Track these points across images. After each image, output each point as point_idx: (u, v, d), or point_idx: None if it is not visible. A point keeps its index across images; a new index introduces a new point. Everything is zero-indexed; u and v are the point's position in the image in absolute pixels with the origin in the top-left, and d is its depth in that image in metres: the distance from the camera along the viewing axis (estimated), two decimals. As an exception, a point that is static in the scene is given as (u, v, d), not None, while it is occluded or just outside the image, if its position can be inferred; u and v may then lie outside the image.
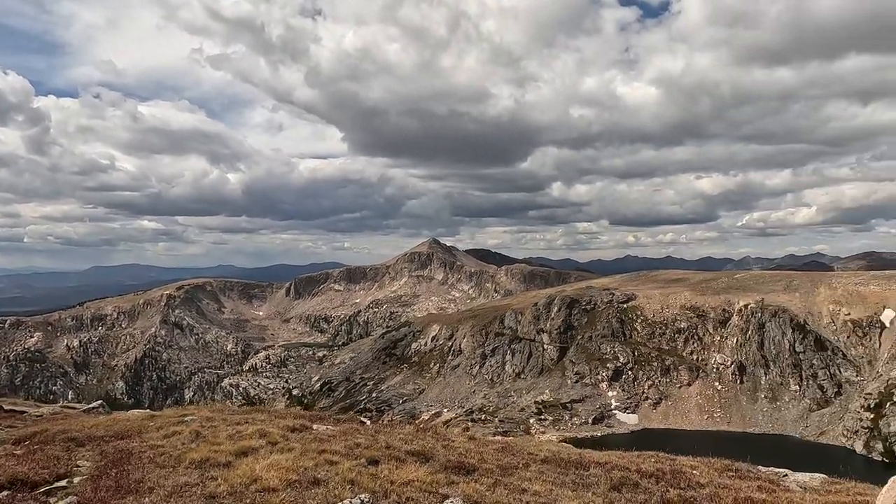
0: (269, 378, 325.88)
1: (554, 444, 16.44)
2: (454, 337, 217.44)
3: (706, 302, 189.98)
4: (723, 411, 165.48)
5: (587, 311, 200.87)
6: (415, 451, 12.13)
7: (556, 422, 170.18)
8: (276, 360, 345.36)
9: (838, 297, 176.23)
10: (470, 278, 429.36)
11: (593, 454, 13.75)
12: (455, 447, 13.06)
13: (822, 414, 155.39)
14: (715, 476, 12.36)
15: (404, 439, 13.58)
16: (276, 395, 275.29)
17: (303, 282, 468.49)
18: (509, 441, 14.73)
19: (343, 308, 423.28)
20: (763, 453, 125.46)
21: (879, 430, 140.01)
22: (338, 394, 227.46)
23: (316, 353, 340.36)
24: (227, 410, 18.05)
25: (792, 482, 13.25)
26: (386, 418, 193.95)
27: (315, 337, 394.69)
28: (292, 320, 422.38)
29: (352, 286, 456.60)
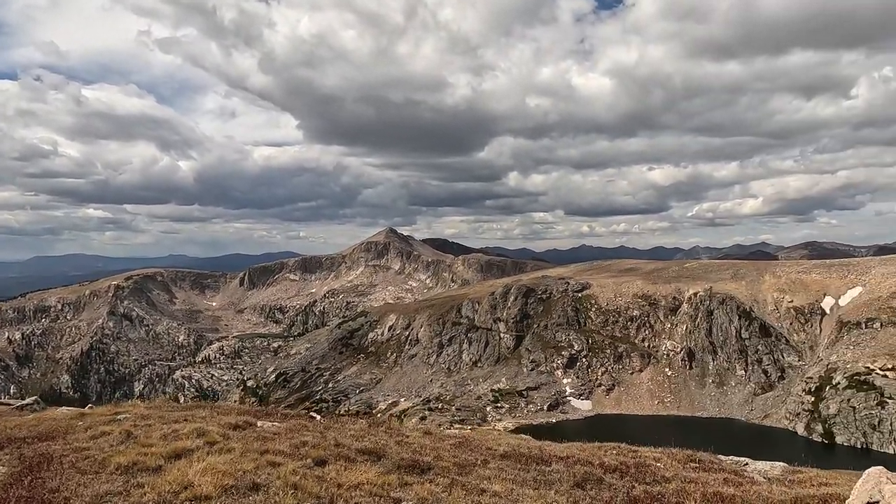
0: (223, 370, 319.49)
1: (513, 437, 15.77)
2: (411, 326, 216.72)
3: (657, 290, 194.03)
4: (673, 396, 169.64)
5: (543, 300, 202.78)
6: (366, 450, 11.20)
7: (512, 409, 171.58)
8: (230, 352, 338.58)
9: (782, 285, 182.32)
10: (427, 268, 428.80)
11: (554, 447, 13.13)
12: (409, 443, 12.22)
13: (766, 398, 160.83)
14: (679, 468, 11.90)
15: (355, 436, 12.65)
16: (231, 386, 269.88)
17: (257, 271, 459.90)
18: (467, 435, 14.00)
19: (299, 298, 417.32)
20: (711, 437, 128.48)
21: (819, 412, 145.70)
22: (293, 385, 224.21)
23: (271, 344, 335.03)
24: (166, 407, 16.77)
25: (754, 472, 12.95)
26: (342, 408, 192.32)
27: (270, 327, 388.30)
28: (247, 311, 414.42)
29: (307, 276, 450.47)
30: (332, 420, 14.91)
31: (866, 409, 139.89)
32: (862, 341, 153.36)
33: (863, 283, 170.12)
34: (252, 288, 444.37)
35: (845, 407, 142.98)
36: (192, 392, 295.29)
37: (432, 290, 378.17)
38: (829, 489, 10.73)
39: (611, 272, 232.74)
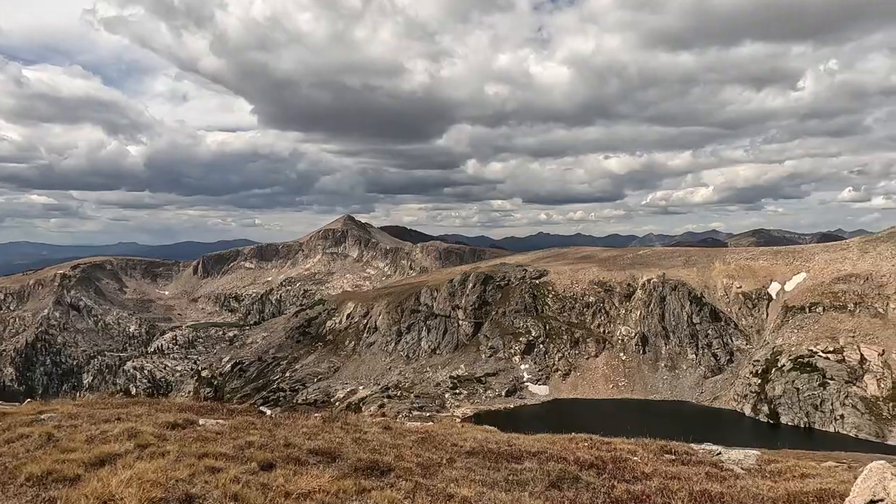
0: (176, 360, 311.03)
1: (479, 429, 14.78)
2: (370, 314, 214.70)
3: (613, 277, 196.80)
4: (627, 380, 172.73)
5: (501, 287, 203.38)
6: (319, 450, 9.98)
7: (471, 395, 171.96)
8: (183, 341, 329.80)
9: (731, 271, 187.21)
10: (385, 255, 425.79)
11: (523, 441, 12.23)
12: (367, 441, 11.08)
13: (715, 381, 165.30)
14: (657, 462, 11.13)
15: (308, 434, 11.38)
16: (185, 377, 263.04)
17: (211, 259, 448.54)
18: (430, 429, 12.95)
19: (254, 286, 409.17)
20: (665, 420, 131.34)
21: (765, 394, 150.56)
22: (250, 374, 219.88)
23: (226, 333, 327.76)
24: (100, 404, 15.11)
25: (729, 462, 12.35)
26: (300, 398, 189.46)
27: (225, 316, 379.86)
28: (201, 299, 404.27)
29: (264, 264, 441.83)
30: (284, 415, 13.62)
31: (809, 390, 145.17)
32: (806, 325, 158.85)
33: (807, 269, 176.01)
34: (206, 276, 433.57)
35: (790, 388, 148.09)
36: (144, 383, 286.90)
37: (391, 278, 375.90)
38: (817, 482, 10.14)
39: (568, 259, 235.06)
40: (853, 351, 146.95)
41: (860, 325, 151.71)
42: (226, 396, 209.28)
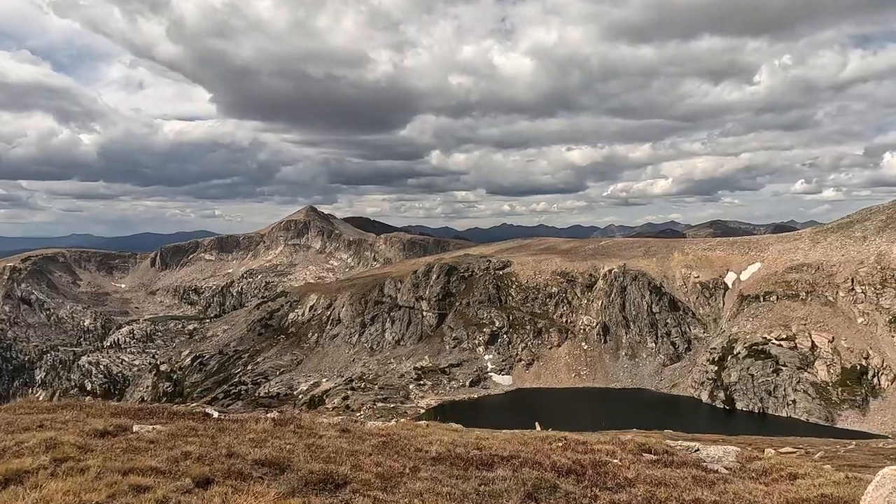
0: (133, 354, 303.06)
1: (444, 429, 13.68)
2: (333, 306, 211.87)
3: (575, 267, 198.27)
4: (588, 369, 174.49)
5: (465, 278, 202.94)
6: (267, 460, 8.73)
7: (435, 386, 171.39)
8: (141, 335, 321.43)
9: (689, 261, 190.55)
10: (349, 247, 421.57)
11: (493, 442, 11.21)
12: (322, 447, 9.88)
13: (674, 368, 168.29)
14: (637, 464, 10.26)
15: (256, 441, 10.10)
16: (143, 371, 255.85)
17: (170, 251, 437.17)
18: (392, 432, 11.81)
19: (215, 279, 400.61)
20: (625, 407, 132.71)
21: (722, 380, 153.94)
22: (211, 368, 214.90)
23: (186, 327, 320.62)
24: (24, 408, 13.41)
25: (709, 459, 11.60)
26: (262, 391, 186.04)
27: (185, 309, 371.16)
28: (159, 292, 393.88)
29: (224, 256, 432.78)
30: (232, 419, 12.28)
31: (763, 377, 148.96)
32: (760, 313, 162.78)
33: (761, 259, 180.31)
34: (165, 269, 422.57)
35: (745, 375, 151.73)
36: (100, 379, 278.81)
37: (354, 270, 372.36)
38: (812, 485, 9.43)
39: (531, 250, 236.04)
40: (805, 338, 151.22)
41: (811, 313, 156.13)
42: (185, 391, 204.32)
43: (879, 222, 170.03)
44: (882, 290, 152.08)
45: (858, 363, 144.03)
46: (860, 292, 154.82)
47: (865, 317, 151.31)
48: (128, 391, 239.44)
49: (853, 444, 52.63)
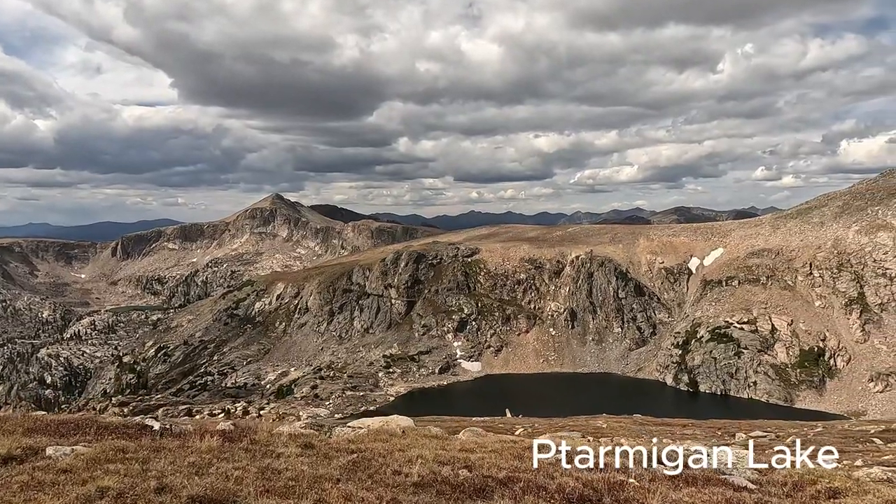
0: (95, 346, 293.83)
1: (425, 439, 11.84)
2: (300, 295, 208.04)
3: (543, 254, 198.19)
4: (556, 354, 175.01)
5: (434, 265, 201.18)
6: (206, 496, 6.73)
7: (405, 374, 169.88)
8: (102, 326, 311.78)
9: (654, 247, 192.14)
10: (316, 235, 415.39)
11: (483, 456, 9.47)
12: (279, 470, 8.00)
13: (639, 352, 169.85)
14: (656, 481, 8.71)
15: (197, 464, 8.10)
16: (105, 363, 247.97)
17: (131, 240, 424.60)
18: (364, 447, 9.94)
19: (179, 268, 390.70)
20: (592, 391, 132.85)
21: (686, 364, 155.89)
22: (175, 359, 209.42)
23: (149, 317, 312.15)
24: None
25: (727, 470, 10.12)
26: (229, 381, 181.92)
27: (148, 299, 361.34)
28: (121, 282, 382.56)
29: (188, 244, 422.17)
30: (173, 437, 10.25)
31: (725, 359, 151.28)
32: (722, 297, 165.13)
33: (724, 244, 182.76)
34: (126, 258, 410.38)
35: (708, 358, 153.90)
36: (60, 371, 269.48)
37: (322, 258, 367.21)
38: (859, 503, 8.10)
39: (499, 237, 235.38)
40: (765, 321, 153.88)
41: (771, 297, 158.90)
42: (150, 383, 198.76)
43: (836, 208, 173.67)
44: (838, 274, 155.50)
45: (816, 345, 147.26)
46: (818, 276, 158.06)
47: (823, 300, 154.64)
48: (89, 384, 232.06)
49: (820, 427, 52.85)
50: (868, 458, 30.09)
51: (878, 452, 32.98)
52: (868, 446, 38.25)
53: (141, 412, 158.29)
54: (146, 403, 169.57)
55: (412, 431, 12.97)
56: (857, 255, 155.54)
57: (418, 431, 13.16)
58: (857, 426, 52.80)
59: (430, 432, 13.40)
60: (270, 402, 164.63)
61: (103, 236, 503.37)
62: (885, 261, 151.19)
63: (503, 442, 11.51)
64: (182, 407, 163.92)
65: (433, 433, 13.16)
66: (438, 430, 13.71)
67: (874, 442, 40.84)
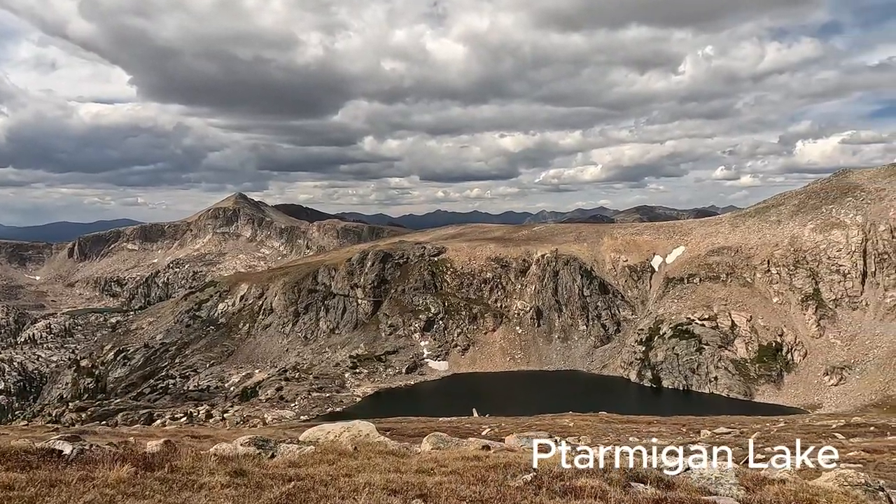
0: (51, 350, 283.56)
1: (379, 457, 10.47)
2: (265, 295, 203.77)
3: (509, 253, 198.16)
4: (523, 353, 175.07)
5: (400, 265, 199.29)
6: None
7: (371, 374, 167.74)
8: (59, 330, 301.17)
9: (618, 245, 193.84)
10: (280, 235, 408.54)
11: (443, 481, 8.02)
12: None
13: (604, 350, 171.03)
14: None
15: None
16: (61, 368, 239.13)
17: (89, 241, 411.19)
18: (306, 473, 8.36)
19: (139, 269, 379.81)
20: (559, 389, 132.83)
21: (649, 360, 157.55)
22: (135, 362, 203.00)
23: (108, 320, 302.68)
24: None
25: (712, 487, 9.09)
26: (192, 384, 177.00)
27: (107, 302, 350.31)
28: (78, 284, 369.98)
29: (148, 245, 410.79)
30: (85, 460, 8.64)
31: (687, 355, 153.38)
32: (684, 295, 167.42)
33: (685, 242, 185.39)
34: (84, 259, 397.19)
35: (670, 354, 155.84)
36: (13, 377, 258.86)
37: (287, 258, 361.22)
38: None
39: (465, 237, 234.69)
40: (725, 318, 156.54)
41: (731, 293, 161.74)
42: (109, 387, 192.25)
43: (793, 207, 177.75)
44: (795, 270, 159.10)
45: (774, 340, 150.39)
46: (775, 273, 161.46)
47: (780, 296, 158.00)
48: (45, 389, 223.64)
49: (782, 423, 53.17)
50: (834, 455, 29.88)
51: (842, 448, 32.94)
52: (832, 442, 38.28)
53: (99, 417, 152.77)
54: (104, 409, 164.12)
55: (365, 447, 11.59)
56: (812, 253, 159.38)
57: (372, 447, 11.79)
58: (818, 420, 53.32)
59: (385, 446, 12.06)
60: (234, 404, 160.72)
61: (59, 237, 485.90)
62: (838, 258, 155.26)
63: (465, 460, 10.24)
64: (143, 411, 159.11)
65: (389, 448, 11.82)
66: (395, 444, 12.38)
67: (836, 437, 41.01)
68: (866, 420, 49.57)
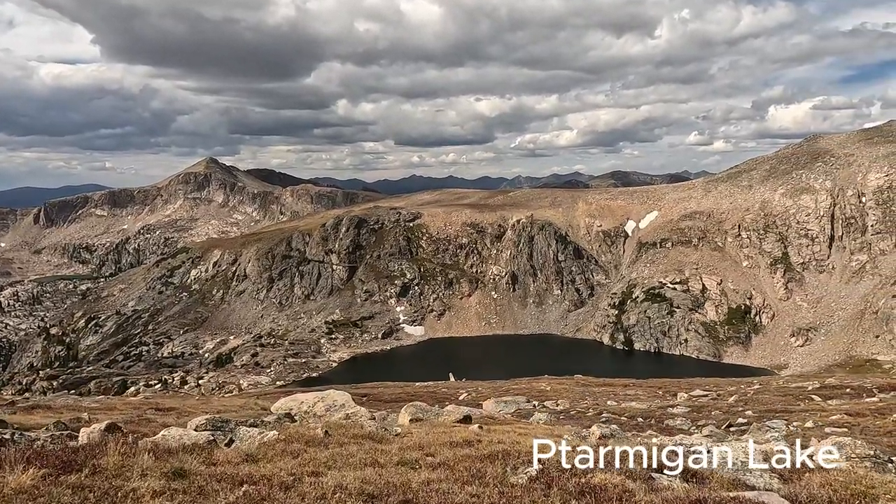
0: (19, 318, 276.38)
1: (354, 443, 8.77)
2: (238, 262, 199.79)
3: (484, 218, 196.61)
4: (498, 317, 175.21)
5: (375, 230, 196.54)
6: None
7: (347, 339, 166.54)
8: (27, 298, 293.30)
9: (593, 211, 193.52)
10: (253, 200, 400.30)
11: (432, 477, 6.49)
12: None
13: (578, 314, 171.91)
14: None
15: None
16: (31, 336, 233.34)
17: (55, 207, 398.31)
18: (265, 472, 6.47)
19: (108, 235, 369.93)
20: (534, 352, 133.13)
21: (622, 323, 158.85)
22: (107, 329, 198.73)
23: (78, 287, 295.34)
24: None
25: (734, 468, 7.71)
26: (165, 351, 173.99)
27: (76, 269, 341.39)
28: (45, 251, 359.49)
29: (118, 211, 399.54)
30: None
31: (659, 318, 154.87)
32: (657, 259, 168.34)
33: (658, 207, 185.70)
34: (50, 225, 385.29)
35: (642, 317, 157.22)
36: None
37: (260, 223, 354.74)
38: None
39: (441, 202, 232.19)
40: (696, 281, 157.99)
41: (703, 258, 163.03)
42: (80, 355, 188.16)
43: (764, 172, 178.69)
44: (765, 235, 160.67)
45: (743, 303, 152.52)
46: (745, 238, 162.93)
47: (750, 260, 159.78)
48: (14, 358, 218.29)
49: (757, 385, 53.19)
50: (817, 418, 29.46)
51: (823, 412, 32.57)
52: (811, 404, 38.02)
53: (71, 385, 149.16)
54: (76, 377, 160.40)
55: (338, 430, 9.92)
56: (782, 217, 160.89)
57: (346, 430, 10.12)
58: (793, 382, 53.45)
59: (361, 428, 10.39)
60: (209, 371, 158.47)
61: (24, 202, 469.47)
62: (807, 222, 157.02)
63: (454, 446, 8.64)
64: (116, 379, 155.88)
65: (365, 429, 10.15)
66: (371, 423, 10.74)
67: (814, 399, 40.84)
68: (840, 382, 49.89)
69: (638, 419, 36.48)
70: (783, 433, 25.79)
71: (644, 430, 32.58)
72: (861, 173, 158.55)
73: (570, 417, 37.47)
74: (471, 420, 23.36)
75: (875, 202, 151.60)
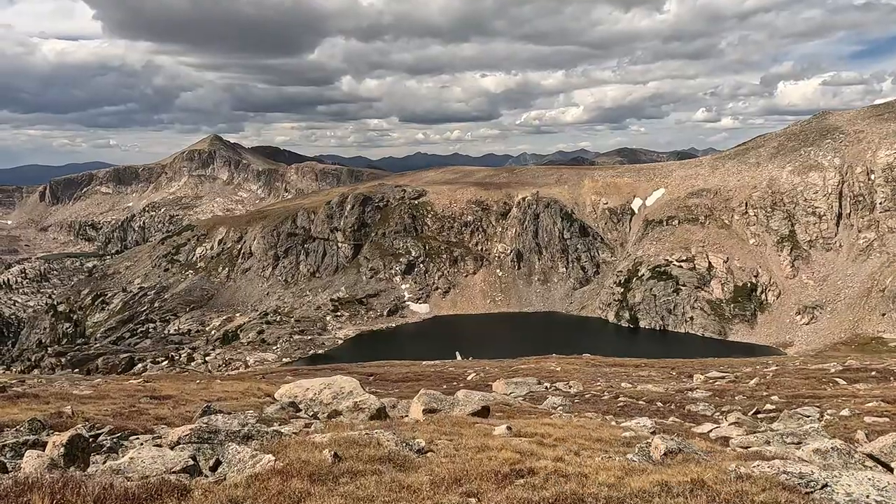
0: (27, 294, 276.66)
1: (376, 474, 6.79)
2: (243, 239, 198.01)
3: (489, 196, 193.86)
4: (503, 295, 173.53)
5: (380, 208, 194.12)
6: None
7: (353, 317, 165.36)
8: (34, 275, 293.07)
9: (599, 188, 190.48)
10: (258, 177, 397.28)
11: None
12: None
13: (583, 291, 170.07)
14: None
15: None
16: (39, 313, 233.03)
17: (61, 184, 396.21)
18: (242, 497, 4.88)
19: (113, 213, 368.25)
20: (539, 330, 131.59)
21: (627, 301, 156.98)
22: (114, 306, 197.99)
23: (84, 264, 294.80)
24: None
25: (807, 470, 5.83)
26: (172, 328, 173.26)
27: (82, 246, 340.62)
28: (51, 228, 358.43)
29: (122, 188, 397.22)
30: None
31: (664, 296, 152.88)
32: (663, 237, 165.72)
33: (665, 185, 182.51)
34: (56, 203, 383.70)
35: (648, 295, 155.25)
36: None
37: (265, 201, 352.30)
38: None
39: (446, 179, 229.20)
40: (702, 259, 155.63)
41: (709, 235, 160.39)
42: (88, 331, 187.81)
43: (772, 149, 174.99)
44: (772, 212, 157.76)
45: (749, 281, 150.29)
46: (752, 215, 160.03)
47: (756, 238, 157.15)
48: (23, 334, 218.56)
49: (774, 366, 51.33)
50: (852, 405, 27.47)
51: (856, 398, 30.63)
52: (838, 389, 36.10)
53: (79, 362, 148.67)
54: (84, 353, 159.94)
55: (351, 452, 7.90)
56: (789, 195, 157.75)
57: (360, 450, 8.09)
58: (812, 363, 51.54)
59: (379, 447, 8.34)
60: (216, 348, 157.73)
61: (29, 180, 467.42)
62: (815, 200, 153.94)
63: (503, 483, 6.59)
64: (123, 355, 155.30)
65: (385, 451, 8.11)
66: (391, 437, 8.75)
67: (839, 382, 38.93)
68: (862, 364, 47.91)
69: (657, 403, 34.56)
70: (818, 422, 23.93)
71: (666, 417, 30.68)
72: (871, 150, 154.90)
73: (586, 401, 35.60)
74: (488, 412, 21.35)
75: (884, 179, 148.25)
